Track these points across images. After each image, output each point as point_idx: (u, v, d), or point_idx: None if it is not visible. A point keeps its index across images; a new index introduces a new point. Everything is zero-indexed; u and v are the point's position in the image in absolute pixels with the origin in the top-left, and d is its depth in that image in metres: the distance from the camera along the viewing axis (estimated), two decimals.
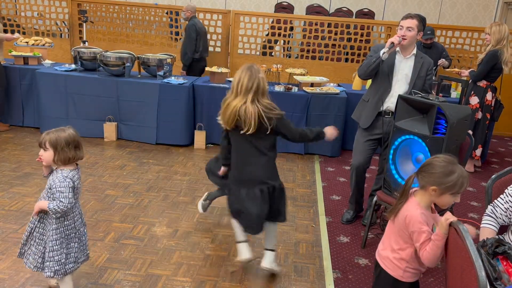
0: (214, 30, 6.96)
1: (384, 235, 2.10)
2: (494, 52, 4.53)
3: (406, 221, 1.89)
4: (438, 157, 1.90)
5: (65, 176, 2.17)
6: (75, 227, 2.27)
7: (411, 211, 1.89)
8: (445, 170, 1.83)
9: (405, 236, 1.93)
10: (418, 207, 1.90)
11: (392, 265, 2.00)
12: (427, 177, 1.87)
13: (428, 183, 1.87)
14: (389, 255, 2.02)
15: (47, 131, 2.21)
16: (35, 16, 7.18)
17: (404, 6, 8.39)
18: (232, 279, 2.73)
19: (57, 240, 2.20)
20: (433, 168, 1.86)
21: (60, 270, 2.23)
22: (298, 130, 2.69)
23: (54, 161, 2.19)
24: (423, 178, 1.89)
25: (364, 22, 6.89)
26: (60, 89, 5.06)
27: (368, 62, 3.21)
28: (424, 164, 1.92)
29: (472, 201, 4.19)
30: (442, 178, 1.83)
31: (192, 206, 3.67)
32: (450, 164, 1.85)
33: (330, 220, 3.61)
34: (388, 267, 2.01)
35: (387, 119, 3.28)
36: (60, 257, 2.22)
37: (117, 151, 4.84)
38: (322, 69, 6.77)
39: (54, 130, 2.21)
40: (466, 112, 2.79)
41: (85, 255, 2.38)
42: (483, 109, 4.73)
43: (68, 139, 2.17)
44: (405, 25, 3.12)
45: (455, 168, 1.84)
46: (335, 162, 4.99)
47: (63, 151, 2.16)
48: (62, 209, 2.13)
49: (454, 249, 1.75)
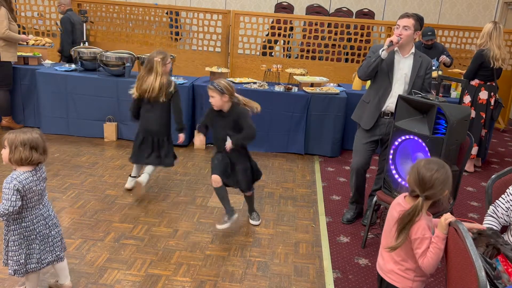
0: (214, 30, 6.96)
1: (381, 249, 2.06)
2: (479, 51, 4.58)
3: (415, 232, 1.86)
4: (430, 171, 1.84)
5: (13, 177, 2.13)
6: (35, 229, 2.23)
7: (419, 220, 1.86)
8: (447, 175, 1.85)
9: (405, 246, 1.90)
10: (424, 216, 1.88)
11: (399, 278, 1.95)
12: (436, 191, 1.84)
13: (441, 194, 1.86)
14: (393, 268, 1.97)
15: (13, 131, 2.21)
16: (35, 16, 7.18)
17: (404, 6, 8.39)
18: (232, 279, 2.73)
19: (15, 241, 2.20)
20: (441, 182, 1.84)
21: (20, 269, 2.23)
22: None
23: (9, 161, 2.18)
24: (435, 196, 1.86)
25: (364, 22, 6.90)
26: (60, 89, 5.06)
27: (367, 63, 3.21)
28: (426, 187, 1.84)
29: (472, 201, 4.19)
30: (449, 180, 1.86)
31: (192, 206, 3.67)
32: (442, 168, 1.86)
33: (330, 220, 3.61)
34: (396, 280, 1.96)
35: (386, 119, 3.28)
36: (19, 257, 2.21)
37: (117, 151, 4.84)
38: (322, 69, 6.77)
39: (20, 130, 2.21)
40: (466, 112, 2.79)
41: (55, 255, 2.34)
42: (476, 108, 4.74)
43: (25, 140, 2.15)
44: (401, 24, 3.12)
45: (444, 166, 1.87)
46: (335, 162, 4.99)
47: (16, 150, 2.14)
48: (2, 211, 2.08)
49: (454, 249, 1.76)
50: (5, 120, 5.27)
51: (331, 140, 5.08)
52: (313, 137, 5.09)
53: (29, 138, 2.16)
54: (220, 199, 3.23)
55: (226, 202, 3.23)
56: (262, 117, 5.03)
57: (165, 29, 7.15)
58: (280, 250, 3.10)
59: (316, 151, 5.15)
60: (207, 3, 8.66)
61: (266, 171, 4.57)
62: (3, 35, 4.85)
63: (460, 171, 2.89)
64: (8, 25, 4.90)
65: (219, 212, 3.60)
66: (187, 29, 7.28)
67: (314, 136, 5.08)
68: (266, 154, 5.09)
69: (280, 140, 5.13)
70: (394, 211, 1.98)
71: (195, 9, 7.11)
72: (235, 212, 3.28)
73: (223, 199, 3.22)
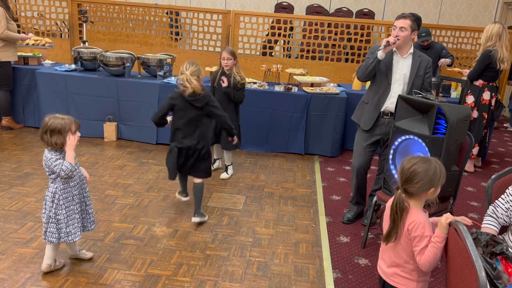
0: (214, 30, 6.96)
1: (381, 252, 2.06)
2: (487, 52, 4.54)
3: (410, 227, 1.86)
4: (410, 163, 1.87)
5: None
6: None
7: (417, 217, 1.87)
8: (428, 170, 1.84)
9: (406, 247, 1.90)
10: (421, 213, 1.89)
11: (403, 280, 1.95)
12: (417, 186, 1.85)
13: (422, 190, 1.85)
14: (396, 271, 1.96)
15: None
16: (35, 16, 7.18)
17: (404, 6, 8.39)
18: (232, 279, 2.73)
19: None
20: (418, 175, 1.84)
21: None
22: None
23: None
24: (413, 189, 1.86)
25: (364, 22, 6.89)
26: (60, 89, 5.06)
27: (366, 64, 3.21)
28: (403, 178, 1.88)
29: (472, 201, 4.19)
30: (433, 177, 1.84)
31: (192, 206, 3.66)
32: (425, 163, 1.86)
33: (330, 220, 3.61)
34: (400, 283, 1.95)
35: (386, 119, 3.28)
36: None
37: (117, 151, 4.84)
38: (322, 69, 6.77)
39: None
40: (466, 112, 2.79)
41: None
42: (479, 108, 4.74)
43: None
44: (398, 25, 3.12)
45: (430, 162, 1.86)
46: (335, 162, 4.99)
47: None
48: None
49: (454, 249, 1.75)
50: (5, 120, 5.27)
51: (331, 140, 5.08)
52: (313, 137, 5.09)
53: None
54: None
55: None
56: (262, 117, 5.04)
57: (165, 29, 7.14)
58: (280, 250, 3.10)
59: (316, 151, 5.15)
60: (207, 3, 8.66)
61: (266, 171, 4.57)
62: (2, 35, 4.83)
63: (460, 171, 2.89)
64: (6, 25, 4.86)
65: (219, 212, 3.60)
66: (187, 29, 7.28)
67: (314, 136, 5.09)
68: (266, 154, 5.09)
69: (280, 140, 5.13)
70: (387, 209, 2.01)
71: (195, 9, 7.11)
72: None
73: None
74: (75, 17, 6.96)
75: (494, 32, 4.55)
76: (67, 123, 2.47)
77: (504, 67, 4.59)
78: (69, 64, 5.62)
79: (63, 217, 2.54)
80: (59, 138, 2.45)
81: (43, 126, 2.46)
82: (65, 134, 2.46)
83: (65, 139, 2.47)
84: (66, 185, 2.54)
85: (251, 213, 3.62)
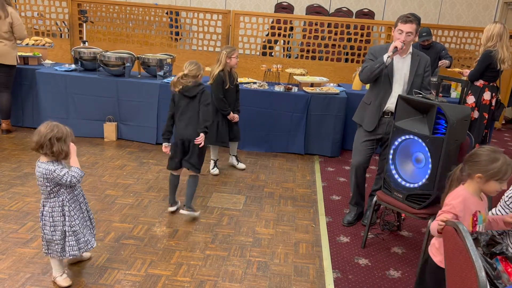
0: (214, 30, 6.96)
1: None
2: (488, 52, 4.53)
3: (448, 196, 2.00)
4: (482, 147, 2.01)
5: None
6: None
7: (457, 191, 2.01)
8: (489, 158, 1.94)
9: None
10: (464, 191, 2.01)
11: (436, 251, 2.08)
12: (472, 165, 1.97)
13: (474, 171, 1.97)
14: (434, 242, 2.11)
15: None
16: (35, 16, 7.18)
17: (404, 6, 8.39)
18: (232, 279, 2.73)
19: None
20: (478, 157, 1.96)
21: None
22: None
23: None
24: (469, 167, 1.99)
25: (364, 22, 6.90)
26: (60, 89, 5.06)
27: (371, 68, 3.20)
28: (469, 154, 2.02)
29: None
30: (487, 165, 1.94)
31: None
32: (494, 153, 1.95)
33: (330, 220, 3.61)
34: (434, 253, 2.10)
35: (387, 119, 3.29)
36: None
37: (117, 151, 4.84)
38: (322, 69, 6.77)
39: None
40: (466, 112, 2.79)
41: None
42: (480, 108, 4.73)
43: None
44: (405, 29, 3.12)
45: (499, 156, 1.94)
46: (335, 162, 4.99)
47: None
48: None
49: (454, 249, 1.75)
50: (5, 123, 5.23)
51: (331, 140, 5.08)
52: (313, 137, 5.09)
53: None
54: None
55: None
56: (262, 117, 5.04)
57: (165, 29, 7.15)
58: (280, 250, 3.10)
59: (316, 151, 5.15)
60: (207, 3, 8.66)
61: (266, 171, 4.57)
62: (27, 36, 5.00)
63: None
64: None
65: (219, 212, 3.60)
66: (187, 29, 7.28)
67: (314, 136, 5.09)
68: (266, 154, 5.10)
69: (280, 140, 5.13)
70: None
71: (195, 9, 7.11)
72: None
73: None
74: (75, 17, 6.96)
75: (495, 32, 4.54)
76: (69, 131, 2.43)
77: (505, 67, 4.58)
78: (69, 64, 5.61)
79: (78, 227, 2.49)
80: (64, 145, 2.38)
81: (44, 135, 2.35)
82: (69, 142, 2.42)
83: (69, 147, 2.42)
84: (72, 194, 2.48)
85: (251, 213, 3.62)
